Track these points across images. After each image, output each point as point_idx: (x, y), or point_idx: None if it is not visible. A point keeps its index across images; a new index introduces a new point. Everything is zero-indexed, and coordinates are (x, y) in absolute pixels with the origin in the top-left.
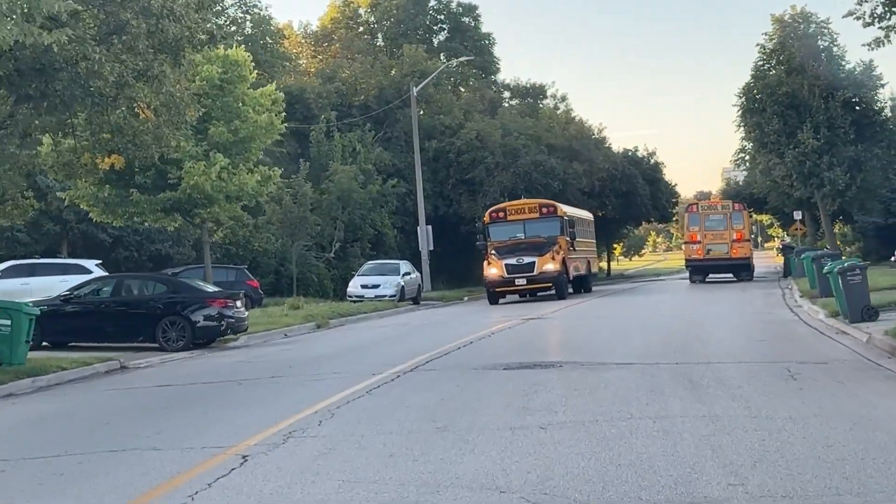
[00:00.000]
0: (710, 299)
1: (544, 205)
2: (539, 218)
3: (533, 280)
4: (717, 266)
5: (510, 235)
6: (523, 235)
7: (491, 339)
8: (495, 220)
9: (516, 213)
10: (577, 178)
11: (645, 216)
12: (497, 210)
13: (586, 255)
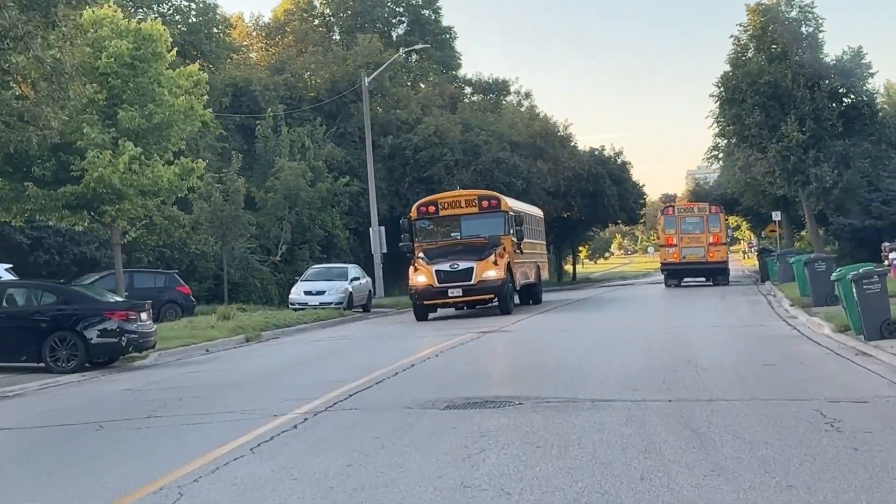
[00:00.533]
0: (691, 307)
1: (485, 197)
2: (479, 213)
3: (471, 290)
4: (694, 270)
5: (443, 235)
6: (459, 235)
7: (437, 361)
8: (424, 215)
9: (450, 208)
10: (542, 177)
11: (612, 217)
12: (426, 203)
13: (535, 259)
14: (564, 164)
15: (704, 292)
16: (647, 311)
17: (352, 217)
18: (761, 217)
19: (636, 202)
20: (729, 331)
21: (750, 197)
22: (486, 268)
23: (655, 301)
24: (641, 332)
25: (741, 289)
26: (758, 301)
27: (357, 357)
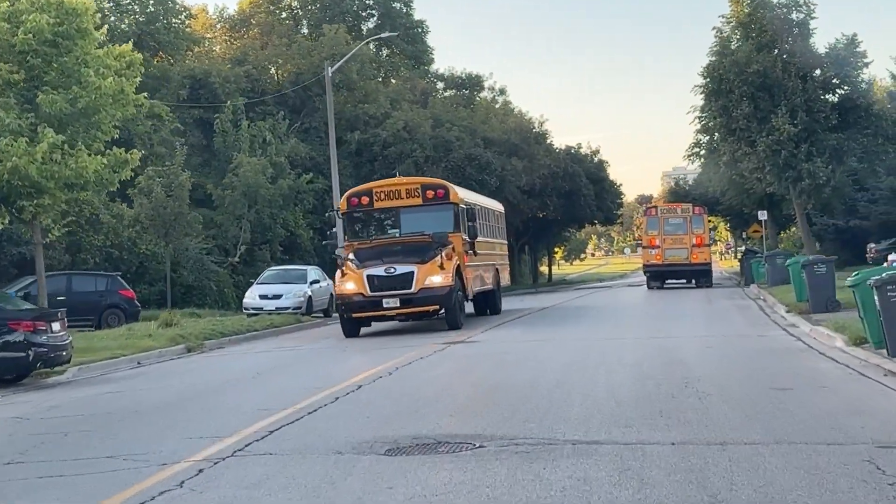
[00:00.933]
0: (678, 314)
1: (431, 186)
2: (423, 206)
3: (410, 300)
4: (677, 272)
5: (379, 232)
6: (399, 232)
7: (385, 383)
8: (356, 208)
9: (388, 199)
10: (517, 174)
11: (589, 218)
12: (358, 193)
13: (494, 261)
14: (540, 162)
15: (689, 295)
16: (631, 318)
17: (317, 216)
18: (742, 217)
19: (613, 202)
20: (725, 342)
21: (733, 196)
22: (429, 272)
23: (638, 306)
24: (626, 345)
25: (725, 292)
26: (747, 306)
27: (299, 374)
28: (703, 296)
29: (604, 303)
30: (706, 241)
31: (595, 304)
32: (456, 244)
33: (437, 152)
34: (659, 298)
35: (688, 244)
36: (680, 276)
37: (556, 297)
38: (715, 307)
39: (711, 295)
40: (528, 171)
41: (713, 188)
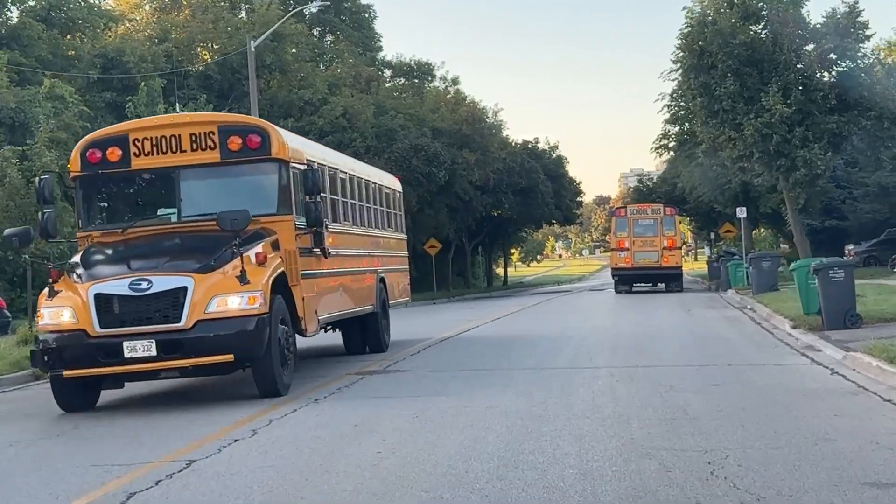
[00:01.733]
0: (658, 329)
1: (236, 128)
2: (222, 164)
3: (178, 345)
4: (647, 276)
5: (136, 212)
6: (176, 214)
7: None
8: (98, 167)
9: (157, 153)
10: (468, 168)
11: (546, 217)
12: (102, 142)
13: (372, 265)
14: (494, 155)
15: (662, 303)
16: (600, 338)
17: None
18: (710, 217)
19: (573, 200)
20: (735, 376)
21: (706, 192)
22: (217, 289)
23: (607, 319)
24: (599, 378)
25: (701, 298)
26: (737, 318)
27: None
28: (677, 303)
29: (563, 313)
30: (677, 244)
31: (552, 317)
32: (283, 235)
33: (379, 142)
34: (629, 306)
35: (658, 247)
36: (650, 279)
37: (507, 306)
38: (698, 320)
39: (687, 302)
40: (480, 164)
41: (683, 183)
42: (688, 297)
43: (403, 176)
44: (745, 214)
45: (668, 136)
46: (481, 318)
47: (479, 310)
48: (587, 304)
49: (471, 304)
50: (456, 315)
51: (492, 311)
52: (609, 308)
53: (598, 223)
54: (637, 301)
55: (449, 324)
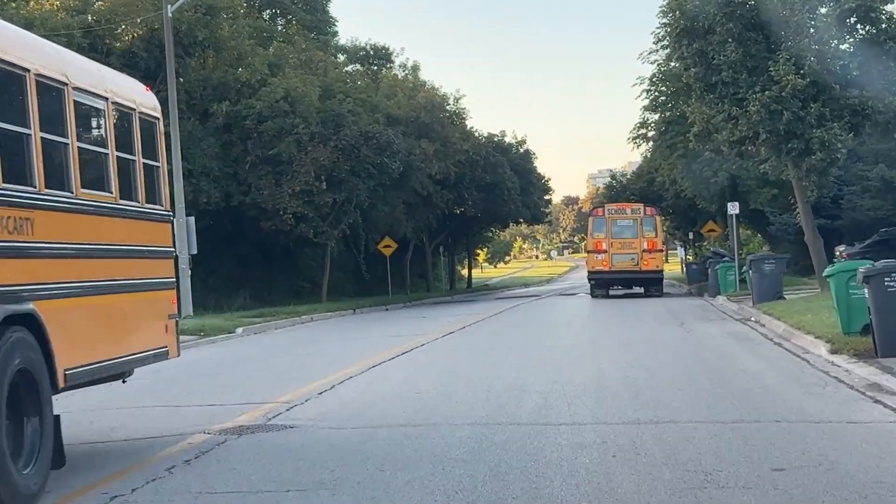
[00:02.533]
0: (654, 352)
1: None
2: None
3: None
4: (626, 279)
5: None
6: None
7: None
8: None
9: None
10: (427, 160)
11: (513, 215)
12: None
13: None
14: (455, 146)
15: (646, 311)
16: (581, 365)
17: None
18: (688, 216)
19: (541, 198)
20: (803, 453)
21: (689, 186)
22: None
23: (585, 334)
24: (588, 455)
25: (689, 306)
26: (746, 336)
27: None
28: (665, 313)
29: (530, 326)
30: (658, 246)
31: (516, 333)
32: None
33: (325, 128)
34: (610, 317)
35: (638, 249)
36: (629, 283)
37: (466, 314)
38: (699, 337)
39: (675, 311)
40: (440, 156)
41: (663, 177)
42: (674, 305)
43: (352, 166)
44: (738, 210)
45: (648, 125)
46: (429, 331)
47: (433, 319)
48: (559, 313)
49: (425, 313)
50: (402, 327)
51: (446, 322)
52: (586, 319)
53: (567, 224)
54: (617, 309)
55: (384, 342)
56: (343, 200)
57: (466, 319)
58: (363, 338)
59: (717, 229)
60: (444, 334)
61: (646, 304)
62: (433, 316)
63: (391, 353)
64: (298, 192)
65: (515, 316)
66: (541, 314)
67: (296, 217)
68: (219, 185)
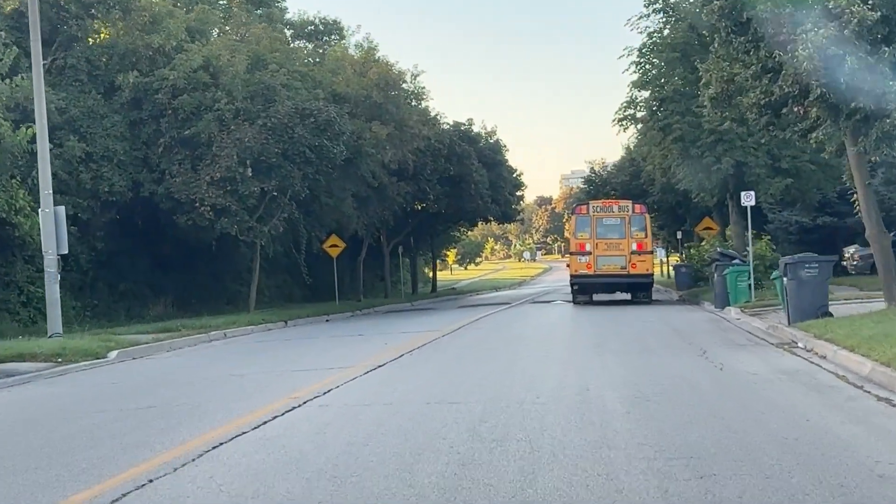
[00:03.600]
0: (694, 428)
1: None
2: None
3: None
4: (612, 284)
5: None
6: None
7: None
8: None
9: None
10: (379, 145)
11: (482, 212)
12: None
13: None
14: (413, 131)
15: (646, 331)
16: (580, 466)
17: (68, 196)
18: (675, 214)
19: (512, 194)
20: None
21: (687, 176)
22: None
23: (571, 376)
24: None
25: (696, 321)
26: (811, 377)
27: None
28: (668, 330)
29: (492, 355)
30: (648, 247)
31: (469, 369)
32: None
33: (254, 104)
34: (601, 339)
35: (626, 250)
36: (615, 288)
37: (415, 331)
38: (742, 380)
39: (681, 328)
40: (396, 141)
41: (653, 165)
42: (675, 318)
43: (284, 149)
44: (754, 201)
45: (637, 104)
46: (352, 362)
47: (369, 339)
48: (532, 331)
49: (368, 327)
50: (323, 352)
51: (382, 345)
52: (568, 342)
53: (541, 224)
54: (605, 324)
55: (274, 385)
56: (274, 190)
57: (412, 340)
58: (252, 374)
59: (714, 227)
60: (369, 369)
61: (639, 317)
62: (374, 332)
63: (263, 413)
64: (219, 181)
65: (477, 333)
66: (509, 332)
67: (215, 210)
68: (125, 171)
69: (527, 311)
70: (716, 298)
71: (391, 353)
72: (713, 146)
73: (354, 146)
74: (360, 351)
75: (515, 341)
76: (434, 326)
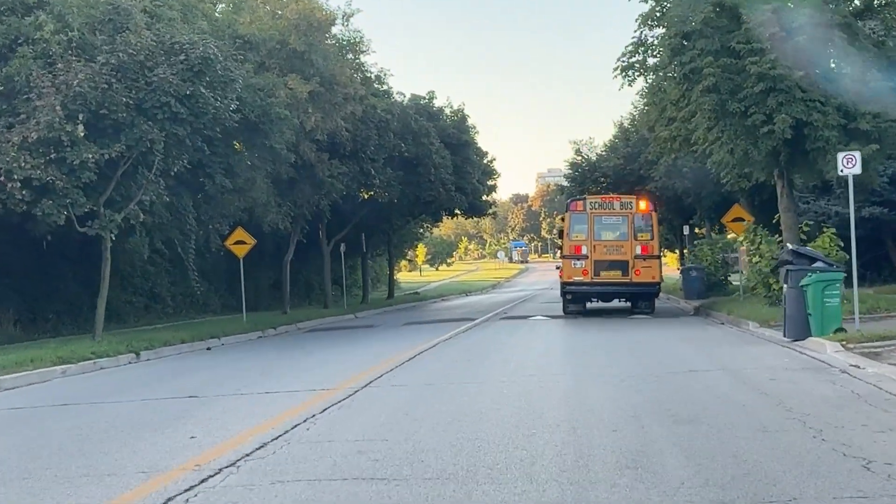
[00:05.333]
0: None
1: None
2: None
3: None
4: (612, 292)
5: None
6: None
7: None
8: None
9: None
10: (299, 107)
11: (445, 204)
12: None
13: None
14: (347, 91)
15: (711, 395)
16: None
17: None
18: (679, 205)
19: (482, 182)
20: None
21: (725, 148)
22: None
23: None
24: None
25: (776, 367)
26: None
27: None
28: (752, 396)
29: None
30: (654, 251)
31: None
32: None
33: (96, 36)
34: (647, 441)
35: (629, 254)
36: (614, 297)
37: (298, 390)
38: None
39: (762, 384)
40: (324, 105)
41: (666, 136)
42: (732, 358)
43: (138, 99)
44: (859, 167)
45: (647, 47)
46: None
47: (211, 405)
48: (499, 402)
49: (244, 373)
50: (99, 451)
51: (220, 426)
52: (569, 437)
53: (516, 223)
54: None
55: None
56: (127, 160)
57: (281, 415)
58: None
59: (747, 217)
60: None
61: (675, 355)
62: (241, 387)
63: None
64: (36, 143)
65: (405, 395)
66: (457, 392)
67: (31, 186)
68: None
69: (495, 334)
70: (786, 322)
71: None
72: (762, 98)
73: (261, 107)
74: (160, 450)
75: (464, 423)
76: (348, 370)
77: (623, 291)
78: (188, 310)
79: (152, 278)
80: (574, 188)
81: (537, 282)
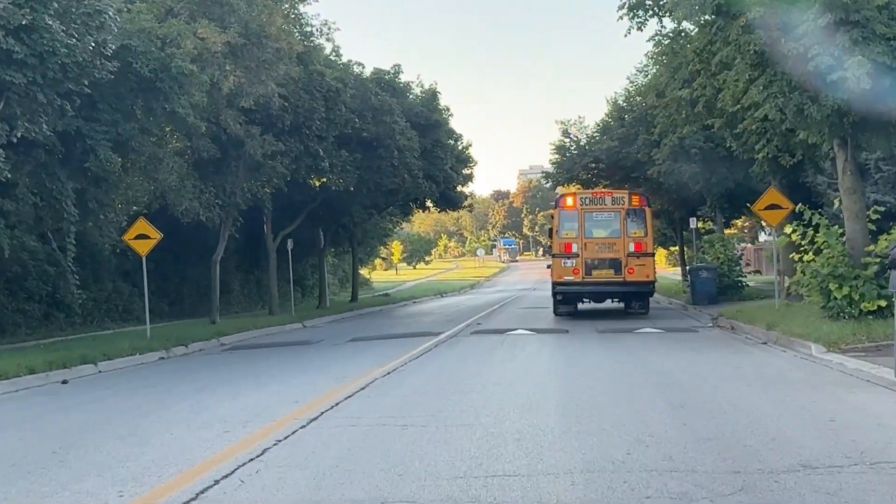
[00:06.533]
0: None
1: None
2: None
3: None
4: (605, 292)
5: None
6: None
7: None
8: None
9: None
10: (210, 63)
11: (412, 193)
12: None
13: None
14: (279, 46)
15: None
16: None
17: None
18: (682, 198)
19: (457, 170)
20: None
21: (774, 103)
22: None
23: None
24: None
25: (833, 402)
26: None
27: None
28: None
29: None
30: (648, 248)
31: None
32: None
33: None
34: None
35: (621, 252)
36: (605, 297)
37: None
38: None
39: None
40: (248, 64)
41: (680, 97)
42: (827, 413)
43: None
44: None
45: None
46: None
47: None
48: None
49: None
50: None
51: None
52: None
53: (497, 220)
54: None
55: None
56: None
57: None
58: None
59: (785, 203)
60: None
61: (741, 412)
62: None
63: None
64: None
65: None
66: None
67: None
68: None
69: (459, 363)
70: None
71: None
72: (829, 35)
73: (158, 59)
74: None
75: None
76: (147, 467)
77: (616, 291)
78: (103, 318)
79: (53, 281)
80: (561, 175)
81: (519, 281)
